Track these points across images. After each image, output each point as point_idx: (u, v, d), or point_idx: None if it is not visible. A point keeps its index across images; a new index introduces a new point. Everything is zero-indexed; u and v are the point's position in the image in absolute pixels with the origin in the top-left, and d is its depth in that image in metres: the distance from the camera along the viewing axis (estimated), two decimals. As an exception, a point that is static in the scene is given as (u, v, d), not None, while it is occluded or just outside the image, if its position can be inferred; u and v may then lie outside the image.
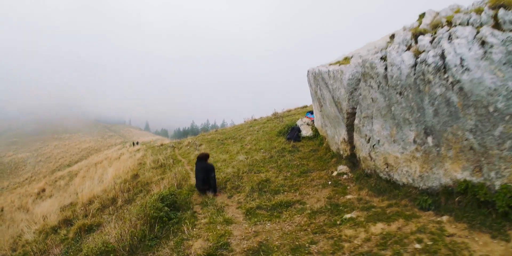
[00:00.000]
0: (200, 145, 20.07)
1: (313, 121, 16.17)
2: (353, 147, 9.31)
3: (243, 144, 16.77)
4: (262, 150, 14.10)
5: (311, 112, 16.88)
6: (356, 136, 8.46)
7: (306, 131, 14.98)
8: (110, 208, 11.58)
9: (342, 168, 9.75)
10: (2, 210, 22.76)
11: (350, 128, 9.04)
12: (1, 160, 71.49)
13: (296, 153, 12.59)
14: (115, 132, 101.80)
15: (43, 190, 25.93)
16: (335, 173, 9.66)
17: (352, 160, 9.58)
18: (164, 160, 17.55)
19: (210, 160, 12.26)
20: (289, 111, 25.30)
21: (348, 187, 8.36)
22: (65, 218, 11.37)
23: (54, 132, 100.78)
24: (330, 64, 9.93)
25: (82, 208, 11.96)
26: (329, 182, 8.85)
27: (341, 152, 10.21)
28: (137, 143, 44.36)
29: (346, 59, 9.66)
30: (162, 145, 27.81)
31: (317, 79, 11.20)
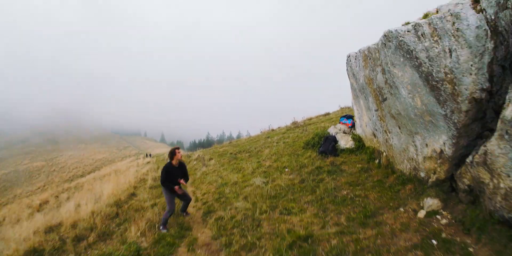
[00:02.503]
0: (210, 159, 17.42)
1: (350, 128, 12.13)
2: (455, 165, 5.66)
3: (260, 160, 13.15)
4: (286, 169, 10.28)
5: (347, 117, 12.86)
6: (496, 145, 4.38)
7: (344, 142, 10.94)
8: (82, 243, 8.11)
9: (431, 202, 5.93)
10: (4, 220, 20.45)
11: (466, 130, 5.06)
12: (16, 168, 73.33)
13: (339, 174, 8.66)
14: (131, 144, 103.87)
15: (47, 202, 23.86)
16: (421, 214, 5.78)
17: (443, 187, 6.03)
18: None
19: (218, 182, 10.86)
20: (310, 119, 21.64)
21: (469, 248, 4.36)
22: (35, 249, 8.05)
23: (70, 142, 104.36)
24: (406, 24, 5.89)
25: (62, 234, 9.20)
26: (432, 241, 4.74)
27: (422, 174, 6.43)
28: (150, 155, 43.78)
29: (427, 16, 5.64)
30: None
31: (375, 57, 7.31)
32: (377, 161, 8.76)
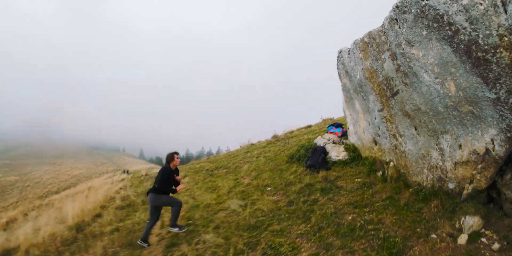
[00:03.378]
0: (185, 176, 15.75)
1: (340, 137, 10.59)
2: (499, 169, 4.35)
3: (238, 177, 11.33)
4: (269, 188, 8.56)
5: (336, 125, 11.36)
6: None
7: (336, 153, 9.34)
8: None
9: (472, 221, 4.59)
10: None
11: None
12: (-12, 182, 71.15)
13: (336, 193, 7.03)
14: (109, 160, 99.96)
15: (15, 219, 21.01)
16: (463, 239, 4.44)
17: (480, 199, 4.84)
18: (134, 197, 13.76)
19: (189, 203, 9.46)
20: (291, 132, 20.10)
21: None
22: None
23: (46, 157, 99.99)
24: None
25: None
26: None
27: (451, 185, 5.06)
28: (128, 171, 41.75)
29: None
30: (146, 175, 24.64)
31: (380, 42, 5.86)
32: (380, 173, 7.19)
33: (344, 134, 10.75)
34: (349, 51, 7.85)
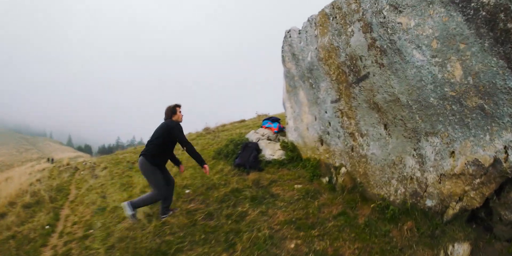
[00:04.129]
0: (104, 168, 14.83)
1: (276, 133, 9.23)
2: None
3: None
4: (187, 191, 6.88)
5: (273, 120, 9.96)
6: None
7: (271, 152, 7.94)
8: None
9: (461, 250, 3.44)
10: None
11: None
12: None
13: (271, 204, 5.56)
14: (34, 146, 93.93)
15: None
16: None
17: (463, 218, 3.74)
18: (45, 192, 12.17)
19: (97, 204, 8.43)
20: (223, 125, 18.79)
21: None
22: None
23: None
24: None
25: None
26: None
27: (430, 203, 3.93)
28: (53, 160, 37.84)
29: None
30: (68, 164, 22.41)
31: (349, 11, 4.45)
32: (325, 179, 5.91)
33: (281, 130, 9.41)
34: (302, 28, 6.43)
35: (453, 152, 3.39)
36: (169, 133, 5.39)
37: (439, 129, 3.48)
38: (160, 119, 5.72)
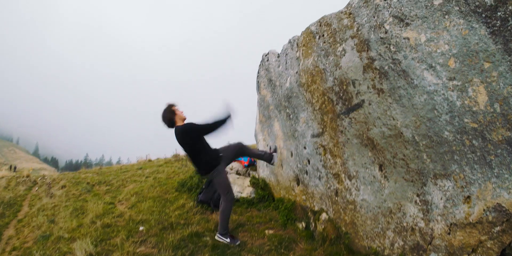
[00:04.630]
0: (62, 187, 13.76)
1: (246, 167, 8.46)
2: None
3: (115, 200, 8.93)
4: (141, 228, 5.98)
5: (242, 152, 9.11)
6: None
7: (239, 188, 7.12)
8: None
9: None
10: None
11: None
12: None
13: (234, 254, 4.63)
14: None
15: None
16: None
17: None
18: None
19: (42, 229, 7.30)
20: None
21: None
22: None
23: None
24: None
25: None
26: None
27: None
28: (15, 168, 35.72)
29: None
30: (27, 176, 20.32)
31: (340, 27, 3.80)
32: (302, 224, 5.05)
33: (252, 164, 8.59)
34: (282, 51, 5.77)
35: (468, 197, 2.65)
36: (194, 134, 4.66)
37: (452, 170, 2.74)
38: (132, 143, 4.78)
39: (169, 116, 4.76)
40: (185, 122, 4.78)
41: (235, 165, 8.44)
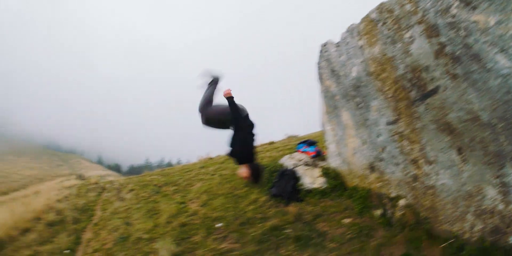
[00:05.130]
0: (131, 190, 14.25)
1: (313, 157, 8.65)
2: None
3: (185, 200, 9.29)
4: (218, 225, 6.39)
5: (309, 143, 9.40)
6: None
7: (310, 179, 7.35)
8: None
9: None
10: None
11: None
12: None
13: (320, 246, 4.85)
14: (65, 162, 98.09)
15: None
16: None
17: None
18: (70, 211, 11.85)
19: (119, 231, 7.81)
20: None
21: None
22: None
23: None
24: None
25: None
26: None
27: None
28: (82, 177, 39.77)
29: None
30: (96, 183, 21.73)
31: (403, 13, 3.89)
32: (378, 212, 5.23)
33: (319, 154, 8.81)
34: (338, 43, 5.95)
35: None
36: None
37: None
38: (188, 139, 4.95)
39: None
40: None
41: (302, 156, 8.69)
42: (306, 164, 8.32)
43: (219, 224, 6.40)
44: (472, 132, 3.33)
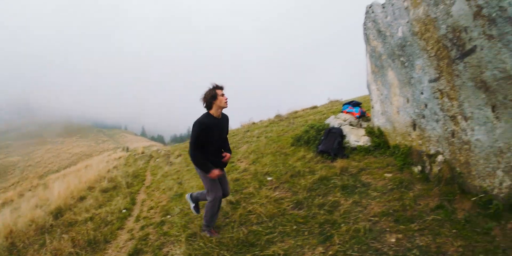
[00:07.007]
0: (179, 156, 16.13)
1: (358, 118, 9.18)
2: None
3: (234, 160, 10.15)
4: (270, 178, 7.19)
5: (354, 104, 9.82)
6: None
7: (355, 138, 7.83)
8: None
9: None
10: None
11: None
12: (-10, 163, 72.46)
13: (363, 194, 5.46)
14: (110, 137, 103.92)
15: (11, 200, 22.23)
16: None
17: None
18: (122, 178, 13.37)
19: (173, 190, 8.95)
20: (295, 112, 19.06)
21: None
22: None
23: (48, 136, 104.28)
24: None
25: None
26: None
27: None
28: (127, 149, 44.17)
29: None
30: (142, 153, 25.47)
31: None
32: (417, 168, 5.68)
33: (363, 115, 9.23)
34: (383, 4, 6.19)
35: None
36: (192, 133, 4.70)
37: None
38: (230, 107, 4.86)
39: (209, 99, 4.62)
40: (222, 112, 4.80)
41: (347, 116, 9.12)
42: (351, 124, 8.77)
43: (270, 178, 7.08)
44: (505, 90, 3.64)
